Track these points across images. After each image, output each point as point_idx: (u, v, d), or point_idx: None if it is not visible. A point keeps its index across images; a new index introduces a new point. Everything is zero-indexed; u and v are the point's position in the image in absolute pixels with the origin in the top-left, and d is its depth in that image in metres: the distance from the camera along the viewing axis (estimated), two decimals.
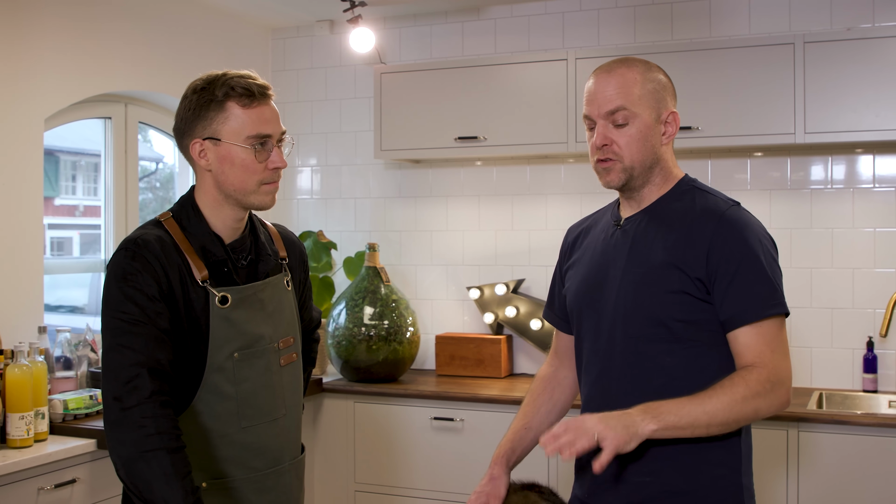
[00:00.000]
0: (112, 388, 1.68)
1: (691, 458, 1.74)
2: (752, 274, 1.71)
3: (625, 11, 3.84)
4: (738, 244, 1.72)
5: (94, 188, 3.83)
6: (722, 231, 1.73)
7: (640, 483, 1.76)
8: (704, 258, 1.72)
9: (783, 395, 1.68)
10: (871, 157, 3.52)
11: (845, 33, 3.27)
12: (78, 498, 2.73)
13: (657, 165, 1.82)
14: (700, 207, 1.78)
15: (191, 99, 1.82)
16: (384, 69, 3.92)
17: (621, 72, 1.79)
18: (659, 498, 1.75)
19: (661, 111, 1.80)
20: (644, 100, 1.77)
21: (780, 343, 1.71)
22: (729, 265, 1.71)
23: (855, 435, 3.00)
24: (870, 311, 3.51)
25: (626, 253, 1.81)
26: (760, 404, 1.65)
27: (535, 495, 1.86)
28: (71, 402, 2.90)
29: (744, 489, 1.79)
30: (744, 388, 1.65)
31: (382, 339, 3.74)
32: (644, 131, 1.78)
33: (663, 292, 1.73)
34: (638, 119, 1.77)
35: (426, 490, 3.59)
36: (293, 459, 1.97)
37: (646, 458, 1.75)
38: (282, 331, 1.93)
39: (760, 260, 1.72)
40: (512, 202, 4.06)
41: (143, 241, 1.76)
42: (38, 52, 3.21)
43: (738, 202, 1.82)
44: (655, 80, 1.81)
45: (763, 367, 1.67)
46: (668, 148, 1.84)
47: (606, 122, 1.78)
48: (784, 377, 1.68)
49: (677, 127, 1.83)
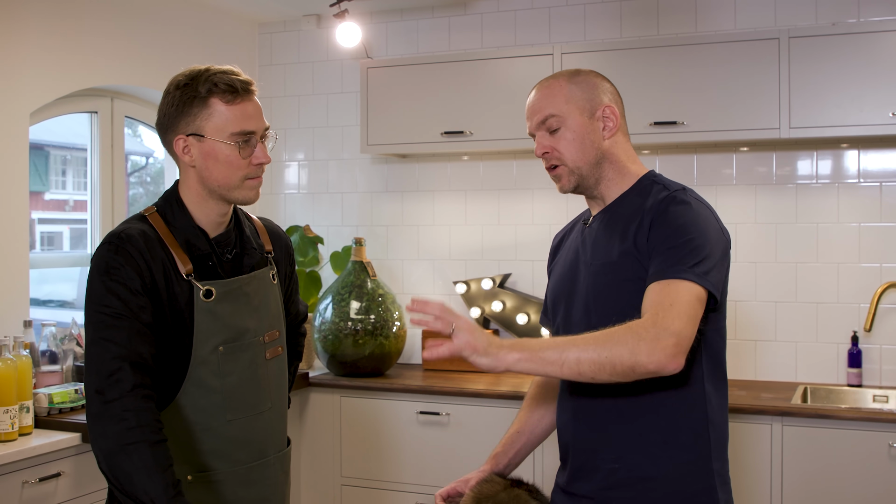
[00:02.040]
0: (94, 382, 1.68)
1: (658, 444, 1.77)
2: (673, 242, 1.71)
3: (611, 6, 3.85)
4: (670, 219, 1.74)
5: (84, 183, 3.82)
6: (659, 212, 1.76)
7: (610, 470, 1.80)
8: (646, 242, 1.75)
9: (669, 347, 1.57)
10: (856, 152, 3.54)
11: (830, 28, 3.29)
12: (62, 492, 2.73)
13: (605, 161, 1.87)
14: (651, 199, 1.81)
15: (173, 95, 1.82)
16: (371, 64, 3.92)
17: (547, 84, 1.90)
18: (629, 484, 1.78)
19: (594, 109, 1.86)
20: (572, 103, 1.85)
21: (683, 305, 1.62)
22: (658, 237, 1.73)
23: (839, 429, 3.02)
24: (854, 305, 3.53)
25: (591, 249, 1.87)
26: (639, 347, 1.56)
27: (524, 493, 1.90)
28: (56, 395, 2.89)
29: (715, 474, 1.80)
30: (624, 329, 1.60)
31: (369, 333, 3.74)
32: (579, 131, 1.85)
33: (620, 281, 1.77)
34: (569, 121, 1.85)
35: (412, 484, 3.60)
36: (278, 452, 1.97)
37: (614, 445, 1.79)
38: (267, 324, 1.94)
39: (686, 232, 1.71)
40: (498, 197, 4.07)
41: (127, 236, 1.77)
42: (23, 46, 3.20)
43: (685, 188, 1.83)
44: (583, 81, 1.88)
45: (652, 316, 1.61)
46: (614, 142, 1.88)
47: (542, 132, 1.88)
48: (673, 330, 1.58)
49: (617, 120, 1.87)
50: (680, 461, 1.77)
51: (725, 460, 1.85)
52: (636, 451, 1.78)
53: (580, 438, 1.85)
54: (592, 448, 1.82)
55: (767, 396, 3.27)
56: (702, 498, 1.78)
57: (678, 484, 1.77)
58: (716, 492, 1.79)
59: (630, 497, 1.78)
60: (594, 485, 1.82)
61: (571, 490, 1.87)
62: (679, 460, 1.77)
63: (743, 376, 3.67)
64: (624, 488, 1.78)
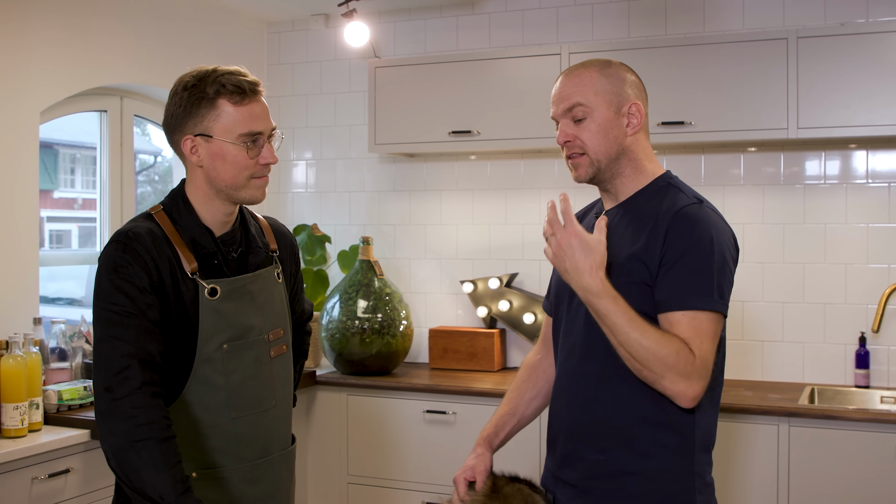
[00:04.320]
0: (103, 379, 1.69)
1: (643, 440, 1.80)
2: (692, 265, 1.75)
3: (619, 6, 3.85)
4: (686, 237, 1.76)
5: (92, 181, 3.85)
6: (675, 225, 1.78)
7: (594, 461, 1.84)
8: (660, 252, 1.78)
9: (695, 389, 1.70)
10: (864, 152, 3.53)
11: (839, 28, 3.28)
12: (71, 488, 2.75)
13: (624, 157, 1.88)
14: (666, 204, 1.83)
15: (181, 95, 1.83)
16: (378, 63, 3.93)
17: (578, 72, 1.90)
18: (611, 476, 1.82)
19: (621, 104, 1.87)
20: (601, 95, 1.86)
21: (708, 339, 1.73)
22: (673, 253, 1.76)
23: (846, 430, 3.02)
24: (862, 306, 3.53)
25: None
26: (674, 377, 1.69)
27: (527, 488, 1.93)
28: (65, 392, 2.91)
29: (695, 476, 1.82)
30: (675, 351, 1.68)
31: (376, 332, 3.75)
32: (603, 124, 1.85)
33: (626, 282, 1.78)
34: (596, 113, 1.85)
35: (418, 483, 3.61)
36: (283, 450, 1.99)
37: (598, 437, 1.83)
38: (272, 322, 1.95)
39: (705, 255, 1.75)
40: (506, 196, 4.07)
41: (134, 234, 1.78)
42: (33, 45, 3.22)
43: (702, 200, 1.86)
44: (614, 75, 1.89)
45: (697, 353, 1.70)
46: (636, 140, 1.89)
47: (567, 120, 1.88)
48: (702, 372, 1.70)
49: (642, 118, 1.89)
50: (662, 460, 1.80)
51: (708, 462, 1.87)
52: (621, 447, 1.81)
53: (570, 428, 1.89)
54: (580, 439, 1.86)
55: (774, 397, 3.26)
56: (681, 497, 1.80)
57: (657, 482, 1.80)
58: (694, 493, 1.81)
59: (610, 489, 1.82)
60: (578, 473, 1.86)
61: (559, 476, 1.92)
62: (661, 459, 1.80)
63: (750, 376, 3.67)
64: (605, 479, 1.83)
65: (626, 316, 1.69)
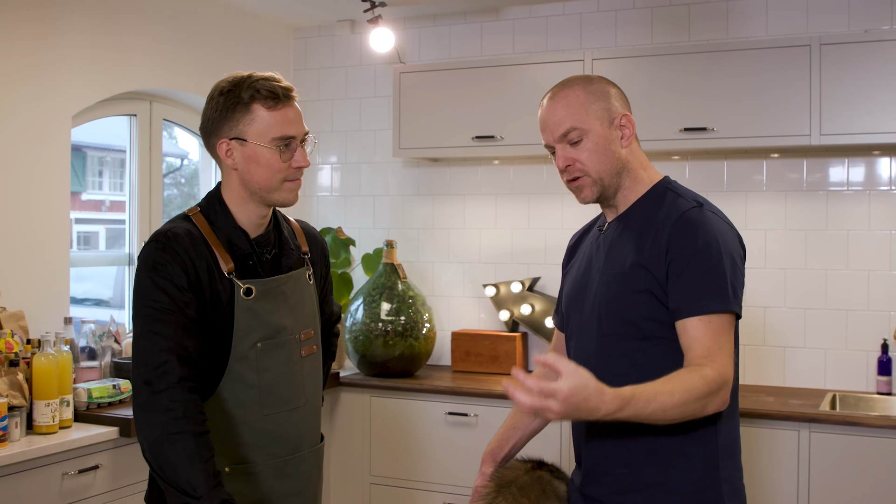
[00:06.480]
0: (142, 373, 1.74)
1: (665, 450, 1.79)
2: (702, 268, 1.74)
3: (642, 13, 3.87)
4: (691, 241, 1.76)
5: (119, 184, 3.90)
6: (678, 231, 1.78)
7: (619, 475, 1.83)
8: (664, 258, 1.78)
9: (725, 396, 1.70)
10: (888, 159, 3.53)
11: (862, 35, 3.28)
12: (100, 483, 2.80)
13: (624, 170, 1.88)
14: (666, 209, 1.83)
15: (217, 100, 1.88)
16: (403, 69, 3.97)
17: (563, 94, 1.87)
18: (637, 489, 1.81)
19: (612, 118, 1.86)
20: (592, 113, 1.85)
21: (728, 342, 1.73)
22: (682, 260, 1.76)
23: (868, 437, 3.02)
24: (885, 313, 3.53)
25: (604, 257, 1.89)
26: (708, 403, 1.67)
27: (546, 474, 1.94)
28: (95, 390, 2.96)
29: (722, 482, 1.81)
30: (702, 385, 1.65)
31: (399, 334, 3.79)
32: (600, 142, 1.85)
33: (631, 292, 1.79)
34: (591, 133, 1.84)
35: (440, 484, 3.64)
36: (312, 447, 2.02)
37: (623, 450, 1.82)
38: (303, 323, 1.99)
39: (713, 257, 1.75)
40: (528, 201, 4.10)
41: (173, 234, 1.83)
42: (65, 50, 3.28)
43: (702, 203, 1.85)
44: (598, 90, 1.87)
45: (713, 367, 1.69)
46: (631, 150, 1.90)
47: (563, 144, 1.86)
48: (728, 379, 1.71)
49: (633, 127, 1.89)
50: (687, 469, 1.80)
51: (736, 468, 1.86)
52: (644, 458, 1.81)
53: (591, 444, 1.89)
54: (603, 454, 1.86)
55: (795, 403, 3.27)
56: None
57: (685, 491, 1.80)
58: (723, 500, 1.81)
59: (638, 501, 1.81)
60: (605, 489, 1.86)
61: (586, 492, 1.91)
62: (686, 468, 1.80)
63: (771, 382, 3.67)
64: (632, 493, 1.82)
65: (650, 398, 1.60)
